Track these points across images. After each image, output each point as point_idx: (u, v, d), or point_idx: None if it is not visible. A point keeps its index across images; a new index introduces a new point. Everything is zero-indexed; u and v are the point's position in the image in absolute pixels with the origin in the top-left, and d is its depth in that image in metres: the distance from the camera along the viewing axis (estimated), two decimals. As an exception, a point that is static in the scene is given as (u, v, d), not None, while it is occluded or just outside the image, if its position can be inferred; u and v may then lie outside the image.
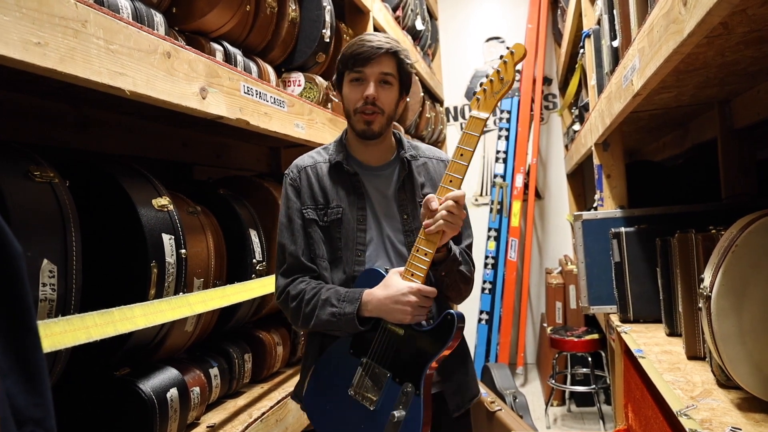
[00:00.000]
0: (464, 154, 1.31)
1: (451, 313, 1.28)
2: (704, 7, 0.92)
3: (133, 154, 1.90)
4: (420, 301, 1.27)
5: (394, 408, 1.26)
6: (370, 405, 1.29)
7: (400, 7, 3.81)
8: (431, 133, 4.69)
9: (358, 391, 1.31)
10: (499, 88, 1.31)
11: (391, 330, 1.31)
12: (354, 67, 1.37)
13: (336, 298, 1.32)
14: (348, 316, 1.30)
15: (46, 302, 1.06)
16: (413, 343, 1.29)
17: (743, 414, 1.10)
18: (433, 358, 1.27)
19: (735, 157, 2.09)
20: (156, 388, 1.39)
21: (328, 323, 1.33)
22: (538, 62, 5.07)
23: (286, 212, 1.44)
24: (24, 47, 0.90)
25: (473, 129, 1.31)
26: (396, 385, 1.28)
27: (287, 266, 1.42)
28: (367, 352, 1.32)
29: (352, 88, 1.39)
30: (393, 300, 1.27)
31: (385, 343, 1.31)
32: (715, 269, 1.12)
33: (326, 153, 1.49)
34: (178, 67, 1.30)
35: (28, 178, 1.10)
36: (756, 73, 1.64)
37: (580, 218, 2.18)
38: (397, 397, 1.27)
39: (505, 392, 3.47)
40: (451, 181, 1.30)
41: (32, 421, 0.54)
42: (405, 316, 1.27)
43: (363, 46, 1.36)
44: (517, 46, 1.30)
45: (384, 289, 1.29)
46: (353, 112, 1.40)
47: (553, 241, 5.27)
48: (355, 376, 1.32)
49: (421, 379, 1.26)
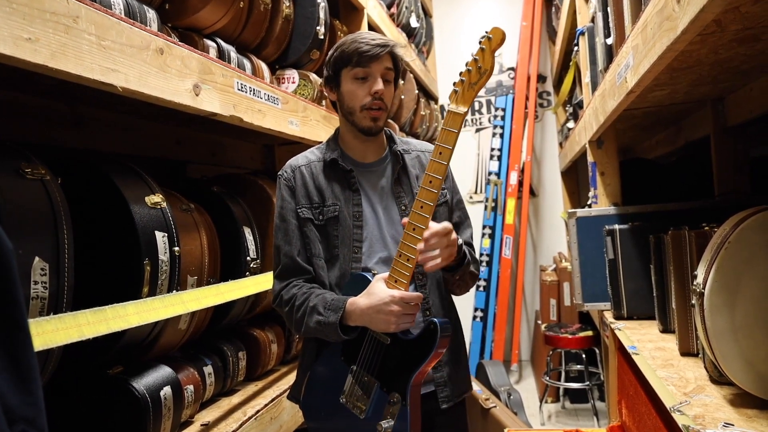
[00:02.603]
0: (443, 153, 1.24)
1: (434, 322, 1.26)
2: (697, 5, 0.93)
3: (127, 152, 1.89)
4: (403, 309, 1.24)
5: (382, 418, 1.26)
6: (360, 414, 1.29)
7: (394, 5, 3.80)
8: (426, 130, 4.69)
9: (349, 399, 1.31)
10: (477, 79, 1.22)
11: (377, 338, 1.30)
12: (360, 64, 1.36)
13: (323, 305, 1.31)
14: (331, 326, 1.29)
15: (38, 300, 1.06)
16: (398, 352, 1.28)
17: (736, 410, 1.11)
18: (417, 368, 1.25)
19: (728, 155, 2.10)
20: (149, 387, 1.38)
21: (315, 331, 1.33)
22: (533, 60, 5.07)
23: (280, 213, 1.44)
24: (15, 43, 0.89)
25: (452, 125, 1.24)
26: (384, 394, 1.28)
27: (282, 268, 1.42)
28: (356, 359, 1.32)
29: (358, 85, 1.38)
30: (375, 309, 1.25)
31: (372, 351, 1.30)
32: (708, 266, 1.13)
33: (319, 152, 1.49)
34: (171, 63, 1.30)
35: (19, 176, 1.09)
36: (749, 71, 1.65)
37: (575, 215, 2.19)
38: (385, 406, 1.27)
39: (500, 389, 3.48)
40: (431, 182, 1.24)
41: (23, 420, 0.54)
42: (389, 325, 1.25)
43: (367, 44, 1.35)
44: (495, 30, 1.20)
45: (367, 298, 1.27)
46: (359, 109, 1.38)
47: (547, 239, 5.29)
48: (346, 384, 1.32)
49: (407, 389, 1.25)
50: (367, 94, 1.37)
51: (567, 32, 3.82)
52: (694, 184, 2.45)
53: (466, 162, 5.47)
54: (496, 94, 5.44)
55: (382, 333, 1.29)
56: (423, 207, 1.24)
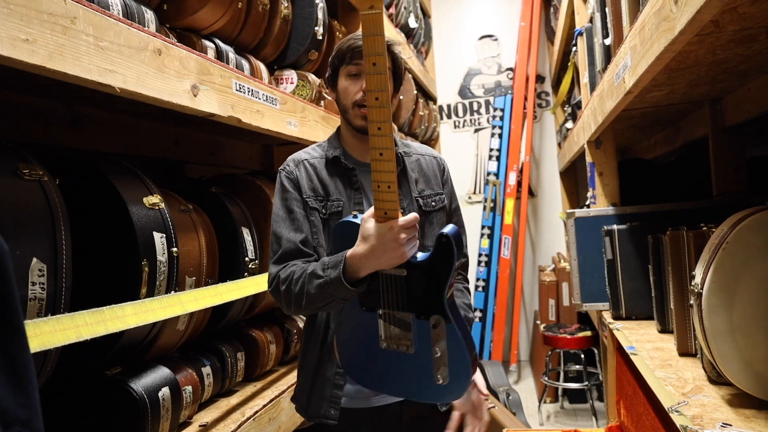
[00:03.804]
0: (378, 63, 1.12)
1: (443, 233, 1.19)
2: (695, 5, 0.93)
3: (125, 152, 1.89)
4: (407, 234, 1.17)
5: (432, 344, 1.20)
6: (409, 349, 1.22)
7: (393, 5, 3.80)
8: (425, 131, 4.69)
9: (390, 342, 1.24)
10: None
11: (392, 275, 1.22)
12: (353, 60, 1.36)
13: (321, 267, 1.24)
14: (335, 281, 1.20)
15: (35, 301, 1.05)
16: (419, 277, 1.21)
17: (734, 410, 1.11)
18: (446, 282, 1.20)
19: (726, 155, 2.10)
20: (147, 388, 1.38)
21: (319, 296, 1.24)
22: (531, 60, 5.08)
23: (283, 204, 1.38)
24: (12, 44, 0.89)
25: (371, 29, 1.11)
26: (423, 322, 1.21)
27: (282, 252, 1.34)
28: (380, 303, 1.25)
29: (351, 82, 1.37)
30: (381, 249, 1.16)
31: (393, 288, 1.23)
32: (706, 266, 1.13)
33: (321, 149, 1.47)
34: (169, 64, 1.30)
35: (16, 176, 1.09)
36: (746, 71, 1.65)
37: (573, 216, 2.19)
38: (431, 332, 1.20)
39: (499, 389, 3.49)
40: (377, 99, 1.13)
41: (19, 422, 0.54)
42: (401, 258, 1.18)
43: (360, 40, 1.31)
44: None
45: (365, 243, 1.19)
46: (351, 106, 1.37)
47: (546, 239, 5.29)
48: (380, 329, 1.25)
49: (444, 306, 1.19)
50: (359, 90, 1.36)
51: (565, 33, 3.83)
52: (693, 184, 2.45)
53: (464, 162, 5.48)
54: (495, 94, 5.44)
55: (395, 268, 1.21)
56: (381, 128, 1.15)
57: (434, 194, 1.46)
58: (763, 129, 2.23)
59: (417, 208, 1.43)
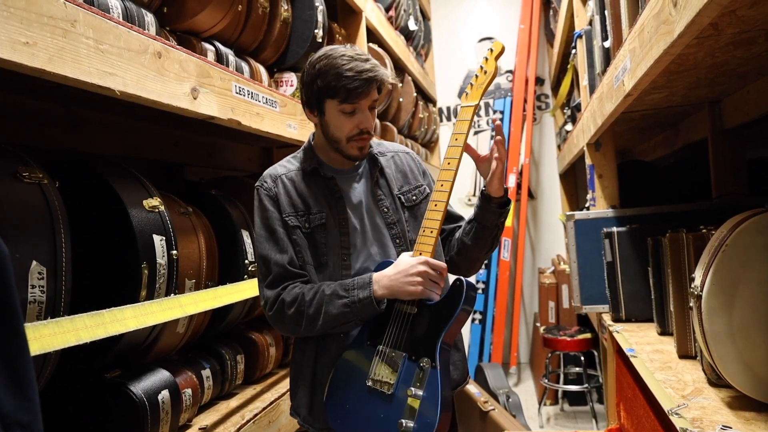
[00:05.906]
0: (458, 138, 1.37)
1: (460, 279, 1.27)
2: (694, 8, 0.93)
3: (125, 154, 1.89)
4: (429, 272, 1.26)
5: (411, 385, 1.22)
6: (388, 390, 1.24)
7: (392, 7, 3.81)
8: (424, 133, 4.69)
9: (376, 379, 1.27)
10: (483, 80, 1.40)
11: (404, 311, 1.29)
12: (348, 100, 1.32)
13: (343, 289, 1.30)
14: (364, 300, 1.27)
15: (35, 304, 1.05)
16: (425, 318, 1.27)
17: (734, 412, 1.11)
18: (445, 326, 1.24)
19: (725, 157, 2.10)
20: (147, 390, 1.38)
21: (339, 317, 1.28)
22: (531, 63, 5.08)
23: (264, 224, 1.37)
24: (12, 47, 0.90)
25: (463, 116, 1.38)
26: (412, 363, 1.24)
27: (273, 276, 1.34)
28: (383, 339, 1.29)
29: (345, 118, 1.35)
30: (403, 274, 1.27)
31: (399, 325, 1.29)
32: (705, 268, 1.13)
33: (297, 161, 1.46)
34: (169, 67, 1.30)
35: (16, 179, 1.09)
36: (745, 74, 1.65)
37: (573, 218, 2.19)
38: (414, 375, 1.23)
39: (499, 392, 3.48)
40: (449, 163, 1.35)
41: (18, 425, 0.54)
42: (416, 287, 1.25)
43: (354, 78, 1.30)
44: (496, 44, 1.41)
45: (393, 268, 1.29)
46: (346, 140, 1.37)
47: (545, 241, 5.29)
48: (372, 365, 1.28)
49: (436, 350, 1.22)
50: (355, 127, 1.35)
51: (565, 35, 3.83)
52: (692, 187, 2.45)
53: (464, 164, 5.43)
54: (495, 96, 5.45)
55: (408, 303, 1.29)
56: (443, 185, 1.34)
57: (413, 188, 1.49)
58: (762, 131, 2.23)
59: (399, 205, 1.44)
